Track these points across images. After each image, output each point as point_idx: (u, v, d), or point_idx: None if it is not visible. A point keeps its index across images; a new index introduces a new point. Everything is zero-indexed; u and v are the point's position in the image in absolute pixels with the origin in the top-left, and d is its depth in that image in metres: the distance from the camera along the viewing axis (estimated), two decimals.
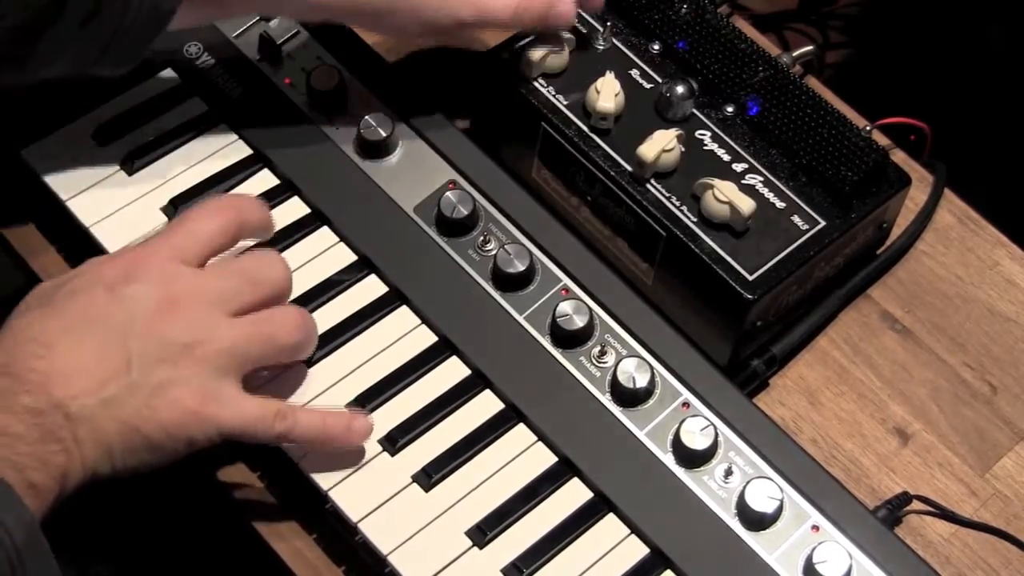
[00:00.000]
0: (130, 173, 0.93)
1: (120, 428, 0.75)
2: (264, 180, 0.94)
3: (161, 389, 0.76)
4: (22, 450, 0.72)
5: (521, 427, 0.85)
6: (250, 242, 0.87)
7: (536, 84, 0.93)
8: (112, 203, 0.92)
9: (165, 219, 0.92)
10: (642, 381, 0.84)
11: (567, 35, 0.93)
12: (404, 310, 0.89)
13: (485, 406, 0.85)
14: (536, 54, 0.92)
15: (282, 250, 0.91)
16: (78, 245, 0.92)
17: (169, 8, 0.82)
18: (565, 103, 0.92)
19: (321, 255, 0.91)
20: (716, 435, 0.82)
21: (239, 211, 0.84)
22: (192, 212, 0.82)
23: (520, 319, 0.87)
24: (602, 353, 0.86)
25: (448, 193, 0.90)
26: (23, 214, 0.94)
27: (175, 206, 0.92)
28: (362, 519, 0.81)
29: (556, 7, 0.91)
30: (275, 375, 0.84)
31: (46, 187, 0.92)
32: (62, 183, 0.92)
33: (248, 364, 0.80)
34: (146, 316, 0.76)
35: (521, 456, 0.84)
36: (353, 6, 0.88)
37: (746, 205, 0.86)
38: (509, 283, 0.88)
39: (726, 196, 0.86)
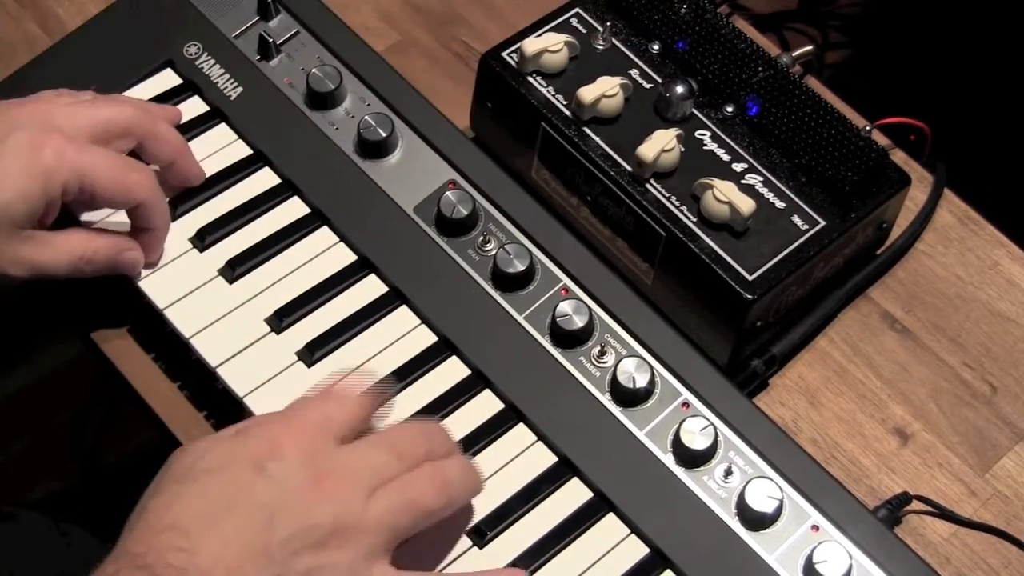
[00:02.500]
0: None
1: None
2: (264, 180, 0.94)
3: None
4: None
5: (521, 427, 0.85)
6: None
7: (536, 84, 0.93)
8: None
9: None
10: (642, 381, 0.84)
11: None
12: (404, 310, 0.89)
13: (485, 406, 0.85)
14: (535, 48, 0.92)
15: (282, 250, 0.91)
16: None
17: None
18: (565, 103, 0.92)
19: (321, 255, 0.91)
20: (716, 435, 0.82)
21: (378, 400, 0.78)
22: (337, 389, 0.77)
23: (520, 319, 0.87)
24: (602, 353, 0.86)
25: (448, 193, 0.90)
26: None
27: (175, 206, 0.92)
28: None
29: (124, 254, 0.88)
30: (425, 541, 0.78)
31: None
32: None
33: (396, 539, 0.73)
34: (292, 498, 0.70)
35: (521, 456, 0.84)
36: None
37: (746, 205, 0.86)
38: (509, 283, 0.88)
39: (726, 196, 0.86)
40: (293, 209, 0.93)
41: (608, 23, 0.96)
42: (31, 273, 0.85)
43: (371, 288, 0.90)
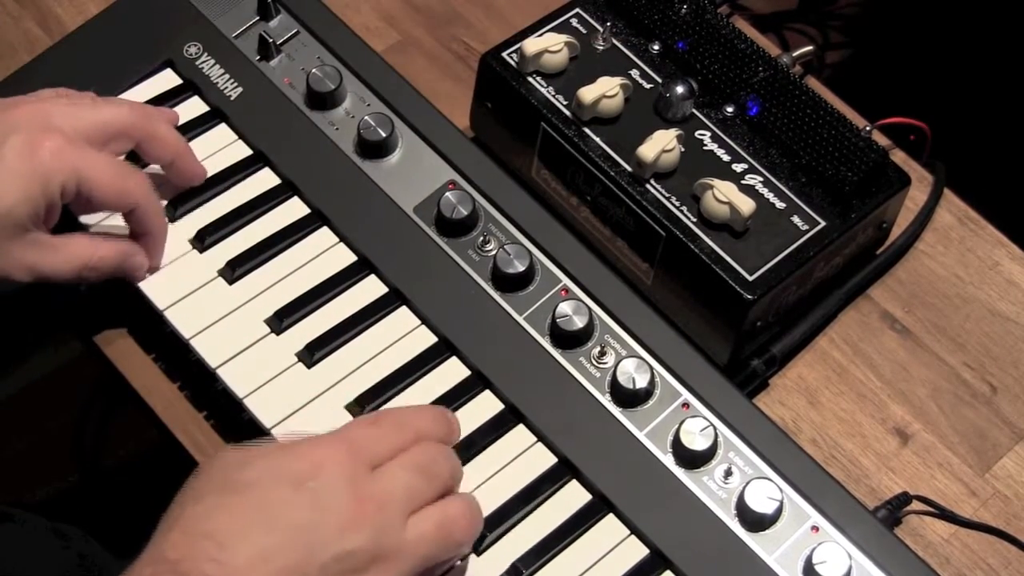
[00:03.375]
0: None
1: None
2: (264, 180, 0.94)
3: None
4: None
5: (521, 428, 0.85)
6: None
7: (536, 84, 0.93)
8: None
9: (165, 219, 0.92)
10: (642, 382, 0.84)
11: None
12: (404, 310, 0.89)
13: (485, 407, 0.85)
14: (535, 48, 0.92)
15: (282, 251, 0.91)
16: None
17: None
18: (565, 103, 0.92)
19: (321, 255, 0.91)
20: (716, 435, 0.82)
21: (420, 429, 0.78)
22: (382, 418, 0.78)
23: (520, 319, 0.87)
24: (602, 354, 0.86)
25: (448, 193, 0.90)
26: None
27: (174, 207, 0.92)
28: None
29: (129, 260, 0.88)
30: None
31: None
32: None
33: (427, 566, 0.74)
34: (331, 520, 0.70)
35: (521, 457, 0.84)
36: None
37: (746, 205, 0.86)
38: (509, 283, 0.88)
39: (726, 196, 0.86)
40: (293, 209, 0.93)
41: (608, 23, 0.96)
42: (34, 278, 0.85)
43: (371, 289, 0.90)
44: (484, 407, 0.85)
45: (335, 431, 0.75)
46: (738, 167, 0.90)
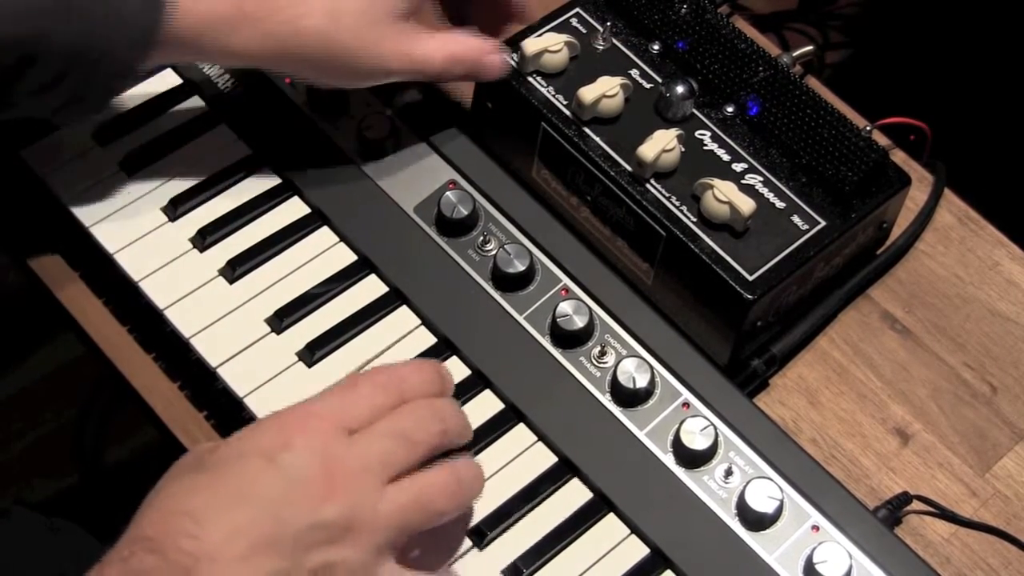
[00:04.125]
0: (130, 173, 0.93)
1: None
2: (264, 180, 0.94)
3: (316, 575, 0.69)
4: None
5: (521, 427, 0.85)
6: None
7: (536, 84, 0.93)
8: (112, 203, 0.92)
9: (165, 219, 0.92)
10: (642, 381, 0.84)
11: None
12: (404, 310, 0.89)
13: (485, 406, 0.85)
14: (535, 48, 0.92)
15: (282, 250, 0.91)
16: (78, 245, 0.92)
17: (136, 67, 0.83)
18: (565, 103, 0.92)
19: (321, 255, 0.91)
20: (716, 435, 0.82)
21: (405, 389, 0.77)
22: (360, 380, 0.76)
23: (520, 319, 0.87)
24: (602, 353, 0.86)
25: (448, 193, 0.90)
26: (21, 212, 0.94)
27: (175, 206, 0.92)
28: None
29: (486, 57, 0.91)
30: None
31: (46, 187, 0.92)
32: (61, 183, 0.92)
33: (405, 536, 0.73)
34: (302, 492, 0.70)
35: (521, 456, 0.84)
36: (284, 53, 0.87)
37: (746, 205, 0.86)
38: (509, 283, 0.88)
39: (726, 196, 0.86)
40: (293, 209, 0.93)
41: (608, 23, 0.96)
42: (410, 67, 0.88)
43: (371, 288, 0.90)
44: (484, 406, 0.85)
45: (310, 398, 0.75)
46: (738, 167, 0.90)
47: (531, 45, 0.93)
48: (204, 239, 0.91)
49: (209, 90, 0.97)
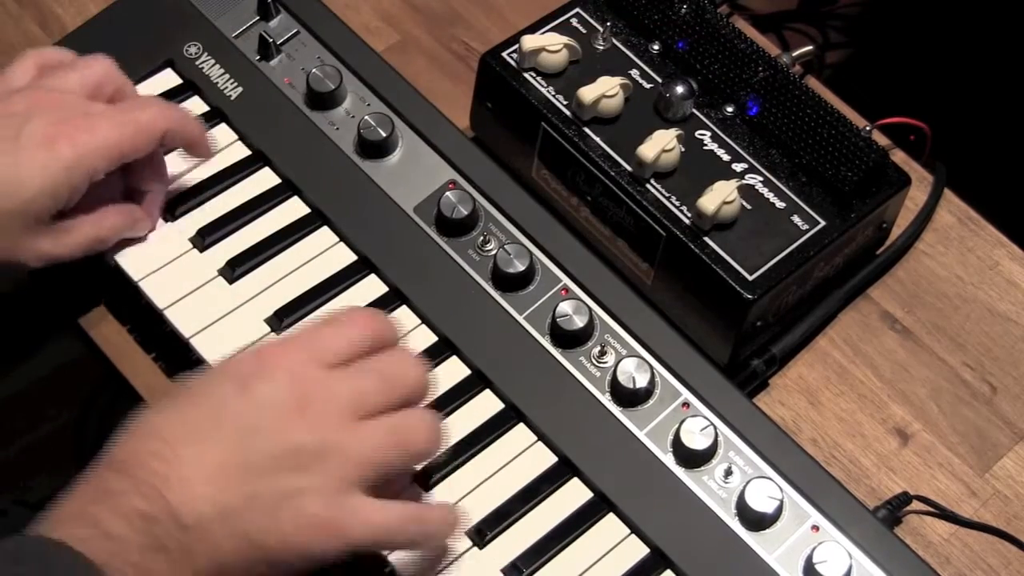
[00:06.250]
0: None
1: (237, 544, 0.69)
2: (264, 180, 0.94)
3: (286, 500, 0.70)
4: (130, 558, 0.67)
5: (521, 427, 0.85)
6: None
7: (536, 84, 0.93)
8: None
9: (165, 219, 0.92)
10: (642, 381, 0.84)
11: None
12: (404, 310, 0.89)
13: (485, 406, 0.85)
14: (533, 44, 0.92)
15: (282, 251, 0.91)
16: None
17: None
18: (565, 103, 0.92)
19: (321, 255, 0.91)
20: (716, 435, 0.82)
21: (382, 327, 0.78)
22: (337, 317, 0.77)
23: (520, 319, 0.87)
24: (602, 353, 0.86)
25: (448, 193, 0.90)
26: None
27: (174, 207, 0.92)
28: None
29: (136, 223, 0.89)
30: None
31: None
32: None
33: (379, 473, 0.73)
34: (274, 418, 0.71)
35: (521, 456, 0.84)
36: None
37: (746, 205, 0.86)
38: (509, 283, 0.88)
39: (726, 196, 0.86)
40: (293, 209, 0.93)
41: (608, 23, 0.96)
42: (48, 263, 0.85)
43: (371, 288, 0.90)
44: (484, 406, 0.85)
45: (292, 330, 0.76)
46: (738, 167, 0.90)
47: (529, 41, 0.93)
48: (204, 239, 0.91)
49: (209, 90, 0.97)
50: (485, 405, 0.85)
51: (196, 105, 0.97)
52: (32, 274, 0.86)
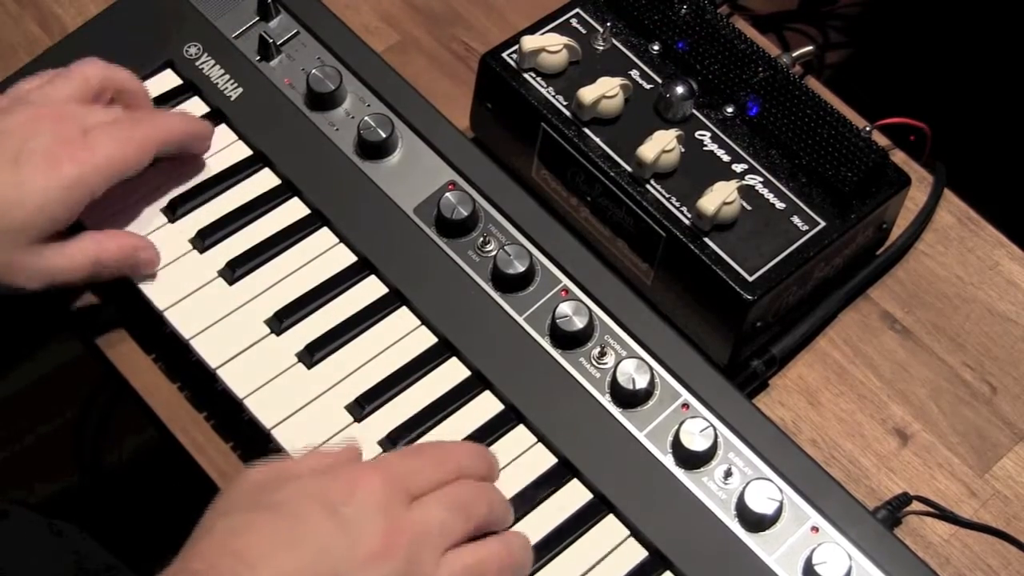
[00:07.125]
0: None
1: None
2: (264, 180, 0.94)
3: None
4: None
5: (521, 428, 0.85)
6: None
7: (536, 84, 0.93)
8: None
9: (165, 220, 0.92)
10: (642, 382, 0.84)
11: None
12: (404, 311, 0.89)
13: (485, 407, 0.85)
14: (533, 44, 0.92)
15: (282, 252, 0.91)
16: None
17: None
18: (565, 103, 0.92)
19: (321, 256, 0.91)
20: (716, 436, 0.82)
21: (463, 466, 0.78)
22: (424, 449, 0.77)
23: (520, 320, 0.87)
24: (602, 354, 0.86)
25: (448, 194, 0.90)
26: None
27: (175, 207, 0.92)
28: None
29: (138, 254, 0.88)
30: None
31: None
32: None
33: None
34: (362, 547, 0.69)
35: (521, 457, 0.84)
36: None
37: (746, 206, 0.86)
38: (509, 284, 0.88)
39: (726, 196, 0.86)
40: (293, 210, 0.93)
41: (608, 23, 0.96)
42: (48, 285, 0.84)
43: (371, 289, 0.90)
44: (484, 407, 0.85)
45: (374, 458, 0.75)
46: (738, 167, 0.90)
47: (529, 41, 0.93)
48: (204, 240, 0.91)
49: (209, 90, 0.97)
50: (485, 406, 0.85)
51: (196, 106, 0.97)
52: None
